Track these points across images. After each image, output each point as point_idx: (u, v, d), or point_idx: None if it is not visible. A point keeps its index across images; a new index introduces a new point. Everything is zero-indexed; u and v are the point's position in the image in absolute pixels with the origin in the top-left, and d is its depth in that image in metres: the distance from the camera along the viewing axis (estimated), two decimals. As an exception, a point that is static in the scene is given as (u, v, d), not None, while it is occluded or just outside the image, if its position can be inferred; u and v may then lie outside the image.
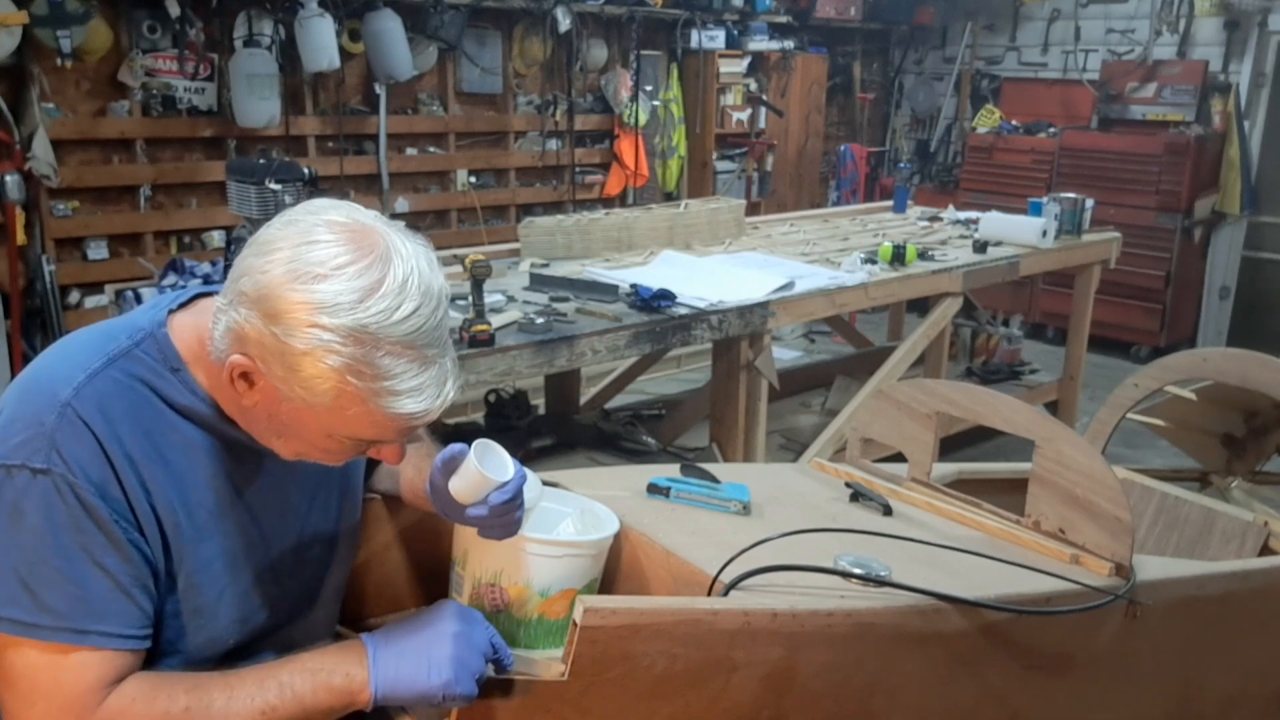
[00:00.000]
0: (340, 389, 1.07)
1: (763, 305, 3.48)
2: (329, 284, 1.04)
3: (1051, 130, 7.14)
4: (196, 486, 1.17)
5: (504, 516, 1.30)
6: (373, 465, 1.52)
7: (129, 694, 1.08)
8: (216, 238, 5.20)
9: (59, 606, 1.06)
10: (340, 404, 1.08)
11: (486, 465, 1.27)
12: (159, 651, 1.16)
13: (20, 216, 4.53)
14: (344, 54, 5.32)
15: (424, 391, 1.09)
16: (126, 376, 1.13)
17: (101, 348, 1.14)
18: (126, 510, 1.10)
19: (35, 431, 1.07)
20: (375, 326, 1.04)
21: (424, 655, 1.15)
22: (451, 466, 1.29)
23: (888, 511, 1.75)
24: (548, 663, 1.40)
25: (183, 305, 1.21)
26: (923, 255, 4.21)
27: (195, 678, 1.11)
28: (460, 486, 1.28)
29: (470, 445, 1.28)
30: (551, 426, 4.39)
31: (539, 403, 4.64)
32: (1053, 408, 5.02)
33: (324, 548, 1.36)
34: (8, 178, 4.44)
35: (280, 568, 1.28)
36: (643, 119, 6.75)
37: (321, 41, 5.09)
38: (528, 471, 1.53)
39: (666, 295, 3.33)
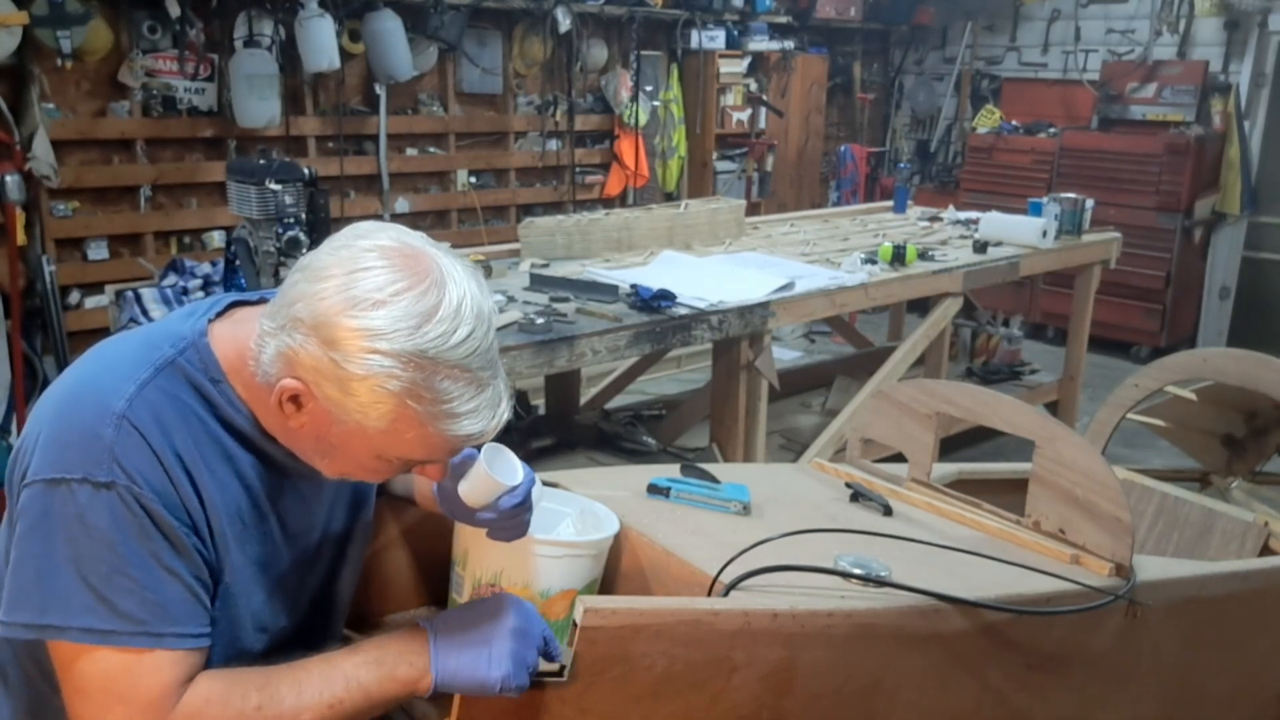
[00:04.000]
0: (398, 413, 1.08)
1: (763, 305, 3.48)
2: (386, 310, 1.05)
3: (1051, 130, 7.14)
4: (234, 496, 1.18)
5: (513, 519, 1.31)
6: None
7: (203, 694, 1.10)
8: (217, 238, 5.20)
9: (135, 612, 1.07)
10: (397, 428, 1.09)
11: (496, 469, 1.27)
12: None
13: (20, 217, 4.52)
14: (344, 54, 5.32)
15: (480, 413, 1.11)
16: (174, 385, 1.14)
17: (147, 356, 1.15)
18: (185, 515, 1.12)
19: (93, 444, 1.08)
20: (434, 351, 1.06)
21: (484, 648, 1.16)
22: (461, 470, 1.29)
23: (888, 512, 1.75)
24: (548, 663, 1.40)
25: (220, 314, 1.22)
26: (923, 255, 4.21)
27: (264, 674, 1.13)
28: (470, 490, 1.29)
29: (479, 449, 1.28)
30: (551, 427, 4.39)
31: (539, 403, 4.64)
32: (1053, 408, 5.02)
33: (338, 558, 1.37)
34: (8, 178, 4.44)
35: (299, 577, 1.30)
36: (643, 119, 6.75)
37: (321, 41, 5.09)
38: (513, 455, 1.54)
39: (666, 295, 3.33)
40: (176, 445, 1.12)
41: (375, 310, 1.05)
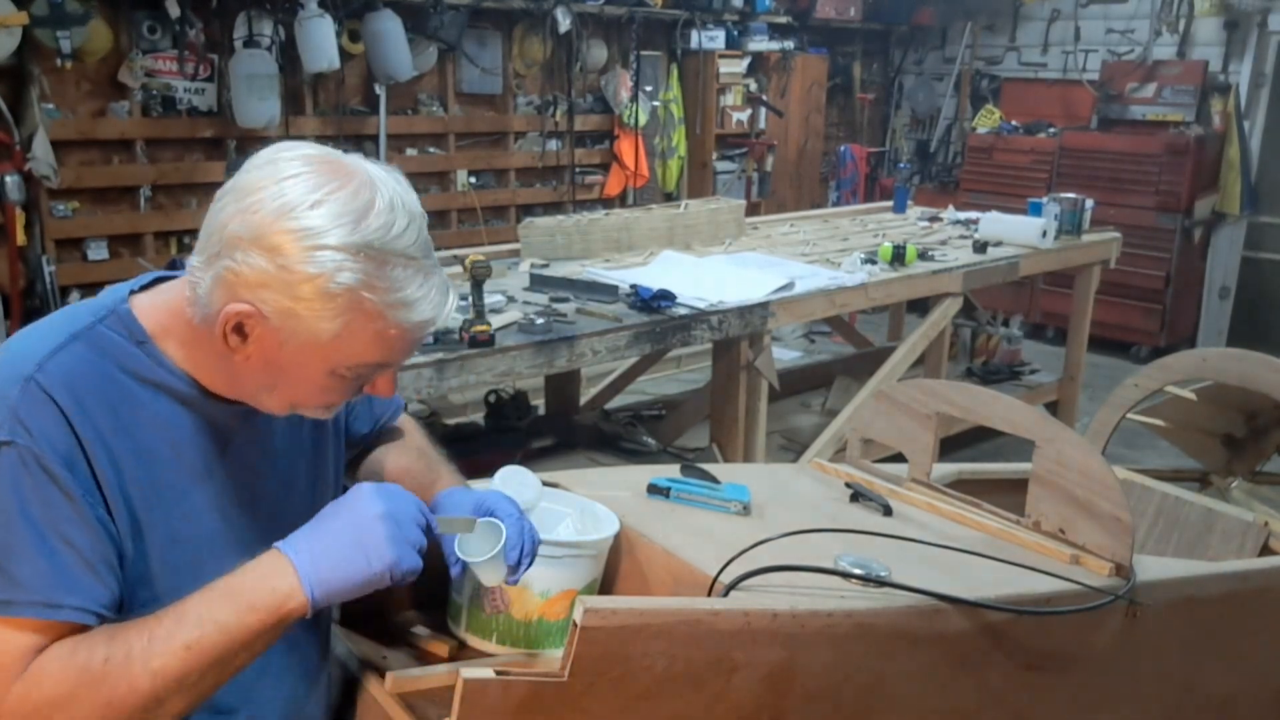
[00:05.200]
0: (353, 309, 1.07)
1: (763, 305, 3.48)
2: (325, 209, 1.05)
3: (1051, 130, 7.14)
4: (166, 464, 1.15)
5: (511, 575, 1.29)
6: (354, 463, 1.51)
7: (50, 654, 1.03)
8: (216, 238, 5.19)
9: (26, 580, 1.02)
10: (351, 328, 1.08)
11: (481, 533, 1.26)
12: None
13: (20, 217, 4.53)
14: (344, 54, 5.32)
15: (432, 298, 1.12)
16: (92, 352, 1.12)
17: (64, 326, 1.13)
18: (93, 487, 1.08)
19: None
20: (379, 241, 1.07)
21: (357, 545, 1.10)
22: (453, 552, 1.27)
23: (888, 512, 1.75)
24: (548, 662, 1.40)
25: (144, 288, 1.20)
26: (923, 255, 4.21)
27: (114, 628, 1.06)
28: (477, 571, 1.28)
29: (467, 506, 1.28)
30: (551, 427, 4.39)
31: (539, 403, 4.64)
32: (1053, 408, 5.02)
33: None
34: (8, 178, 4.44)
35: (253, 552, 1.21)
36: (643, 119, 6.75)
37: (321, 42, 5.09)
38: (527, 473, 1.54)
39: (666, 296, 3.33)
40: (91, 412, 1.09)
41: (313, 210, 1.05)
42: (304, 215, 1.05)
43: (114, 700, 1.02)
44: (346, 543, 1.11)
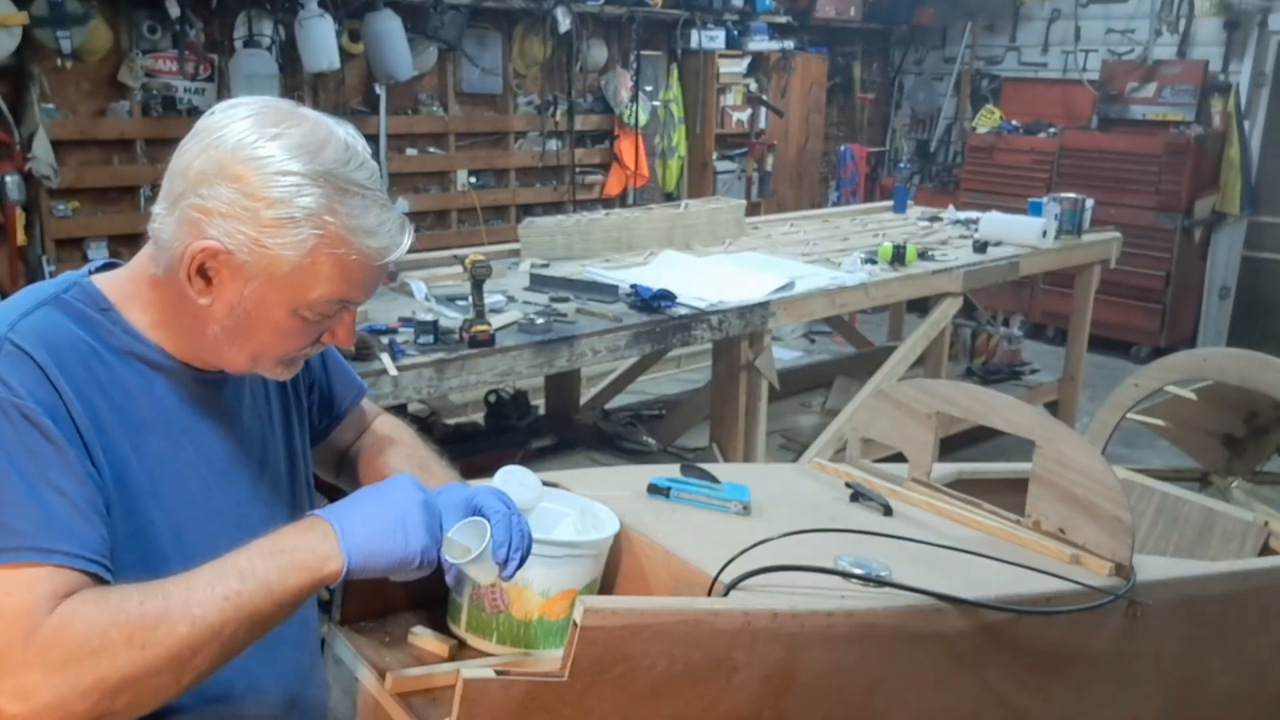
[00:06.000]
0: (316, 233, 1.10)
1: (763, 305, 3.48)
2: (284, 141, 1.10)
3: (1051, 130, 7.14)
4: (140, 429, 1.15)
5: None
6: (341, 463, 1.50)
7: (80, 598, 1.01)
8: (216, 238, 5.20)
9: (19, 526, 1.00)
10: (314, 256, 1.11)
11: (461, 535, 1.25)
12: None
13: (20, 217, 4.53)
14: (344, 54, 5.32)
15: (389, 229, 1.16)
16: (61, 316, 1.13)
17: (31, 297, 1.15)
18: (77, 438, 1.07)
19: None
20: (338, 171, 1.11)
21: (397, 523, 1.13)
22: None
23: (888, 511, 1.75)
24: (548, 662, 1.40)
25: (99, 270, 1.22)
26: (923, 255, 4.21)
27: (144, 583, 1.05)
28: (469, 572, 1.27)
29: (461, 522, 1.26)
30: (551, 427, 4.39)
31: (539, 403, 4.64)
32: (1053, 408, 5.02)
33: (275, 505, 1.30)
34: (8, 178, 4.44)
35: (230, 521, 1.22)
36: (643, 119, 6.75)
37: (321, 42, 5.09)
38: (528, 473, 1.54)
39: (666, 295, 3.33)
40: (68, 367, 1.09)
41: (273, 142, 1.09)
42: (264, 145, 1.09)
43: (149, 643, 1.00)
44: (387, 520, 1.13)
